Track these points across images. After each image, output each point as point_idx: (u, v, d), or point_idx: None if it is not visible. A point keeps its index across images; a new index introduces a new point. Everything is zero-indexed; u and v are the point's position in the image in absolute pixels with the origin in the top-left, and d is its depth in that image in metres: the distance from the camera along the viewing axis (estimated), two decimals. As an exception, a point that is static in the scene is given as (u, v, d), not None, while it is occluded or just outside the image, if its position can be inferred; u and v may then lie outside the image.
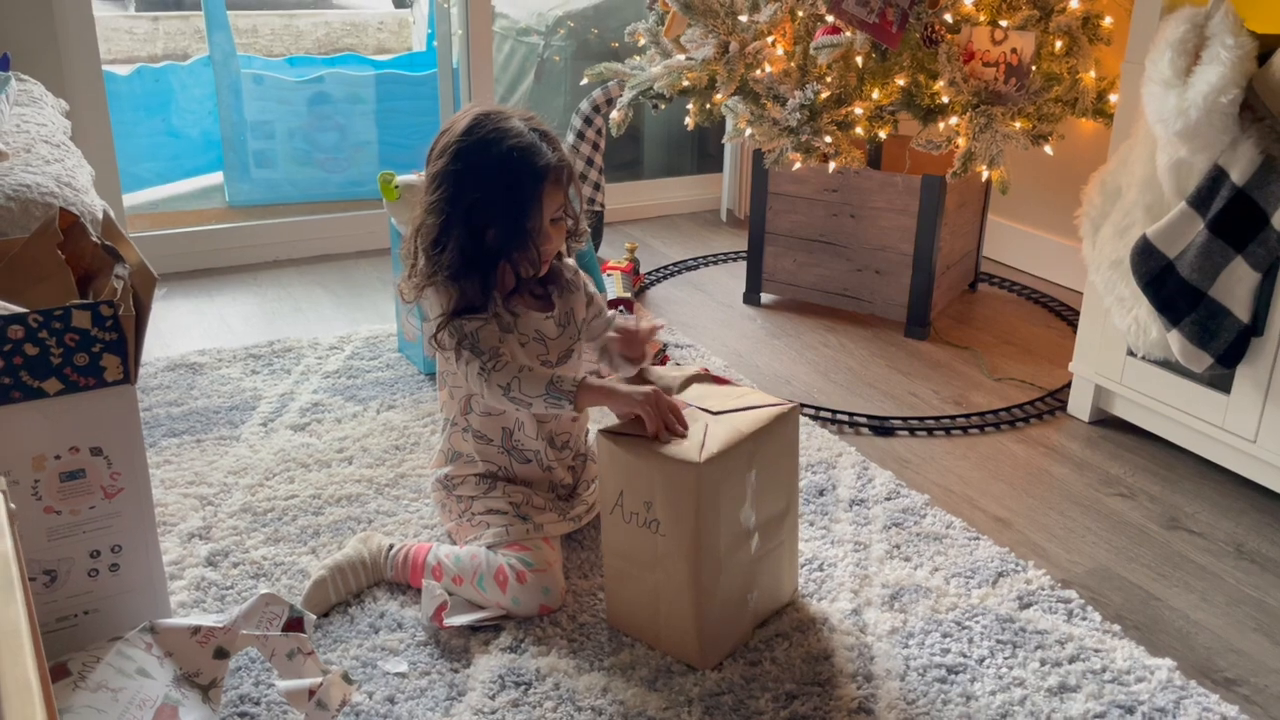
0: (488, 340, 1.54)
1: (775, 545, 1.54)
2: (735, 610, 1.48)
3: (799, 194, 2.67)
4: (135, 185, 3.48)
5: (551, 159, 1.52)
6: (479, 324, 1.55)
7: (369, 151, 3.63)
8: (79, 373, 1.30)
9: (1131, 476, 2.03)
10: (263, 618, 1.36)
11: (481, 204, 1.51)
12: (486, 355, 1.52)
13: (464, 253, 1.53)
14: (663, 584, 1.44)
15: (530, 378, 1.49)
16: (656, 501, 1.41)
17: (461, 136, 1.52)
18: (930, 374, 2.43)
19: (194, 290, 2.79)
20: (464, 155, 1.51)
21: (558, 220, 1.58)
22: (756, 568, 1.51)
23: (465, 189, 1.51)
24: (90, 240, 1.46)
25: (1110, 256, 1.99)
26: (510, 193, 1.51)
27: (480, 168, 1.51)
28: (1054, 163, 2.73)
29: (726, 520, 1.42)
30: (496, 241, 1.53)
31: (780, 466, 1.52)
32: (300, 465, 1.92)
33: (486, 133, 1.52)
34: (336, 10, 6.83)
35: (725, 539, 1.43)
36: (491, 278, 1.56)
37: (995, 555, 1.72)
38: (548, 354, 1.64)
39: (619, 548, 1.48)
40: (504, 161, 1.50)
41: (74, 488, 1.34)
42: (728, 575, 1.45)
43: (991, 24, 2.29)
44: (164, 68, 3.71)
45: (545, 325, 1.64)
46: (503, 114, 1.55)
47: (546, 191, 1.53)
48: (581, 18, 3.78)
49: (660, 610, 1.46)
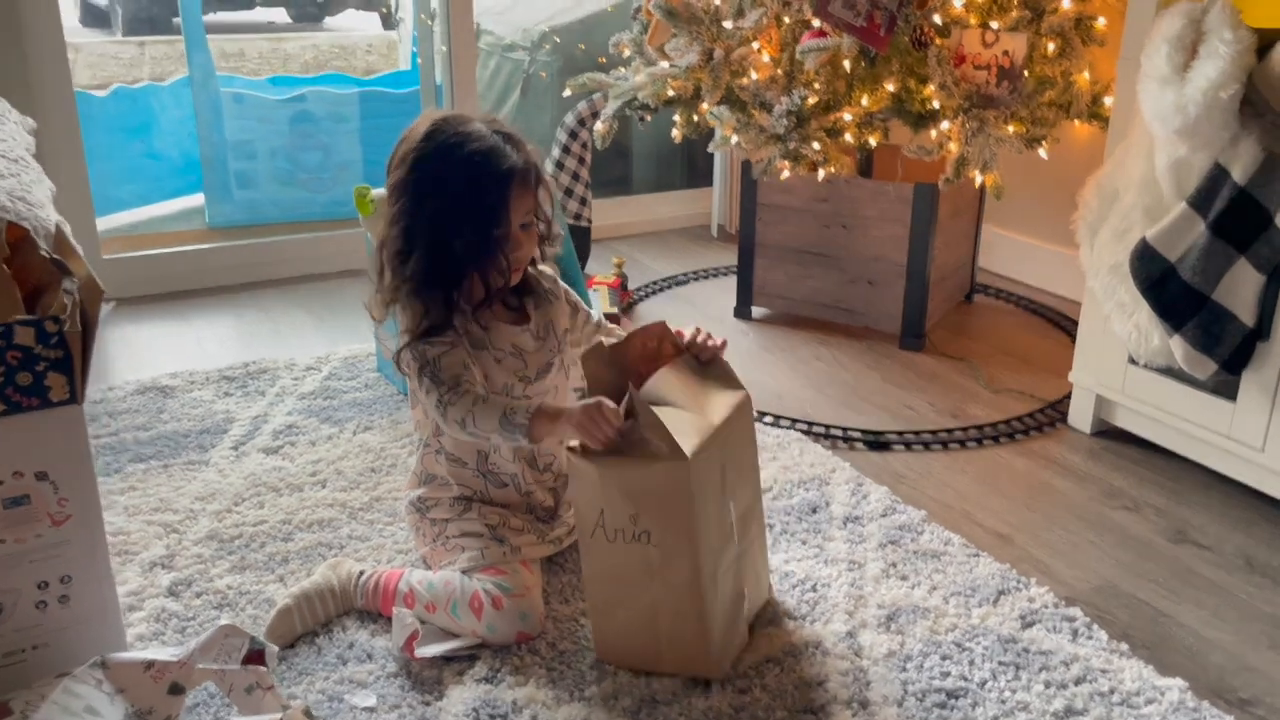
0: (450, 367, 1.46)
1: (749, 542, 1.48)
2: (733, 611, 1.43)
3: (789, 205, 2.61)
4: (114, 207, 3.42)
5: (516, 161, 1.45)
6: (443, 349, 1.46)
7: (353, 171, 3.57)
8: (22, 393, 1.23)
9: (1135, 489, 1.95)
10: (221, 650, 1.29)
11: (444, 212, 1.44)
12: (445, 386, 1.43)
13: (429, 264, 1.45)
14: (661, 598, 1.37)
15: (485, 410, 1.40)
16: (643, 511, 1.33)
17: (420, 143, 1.45)
18: (926, 386, 2.36)
19: (169, 312, 2.72)
20: (424, 163, 1.44)
21: (528, 225, 1.51)
22: (741, 565, 1.45)
23: (426, 197, 1.44)
24: (39, 254, 1.40)
25: (1109, 261, 1.93)
26: (474, 199, 1.43)
27: (441, 175, 1.43)
28: (1048, 171, 2.67)
29: (715, 516, 1.36)
30: (463, 251, 1.45)
31: (744, 457, 1.47)
32: (271, 490, 1.85)
33: (446, 138, 1.44)
34: (325, 33, 6.83)
35: (716, 536, 1.37)
36: (456, 291, 1.48)
37: (996, 573, 1.65)
38: (526, 369, 1.57)
39: (605, 572, 1.40)
40: (466, 167, 1.43)
41: (18, 515, 1.27)
42: (723, 574, 1.39)
43: (982, 26, 2.24)
44: (142, 88, 3.66)
45: (521, 339, 1.57)
46: (463, 118, 1.48)
47: (513, 195, 1.45)
48: (567, 33, 3.74)
49: (661, 627, 1.38)
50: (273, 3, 7.00)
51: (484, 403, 1.41)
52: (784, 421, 2.16)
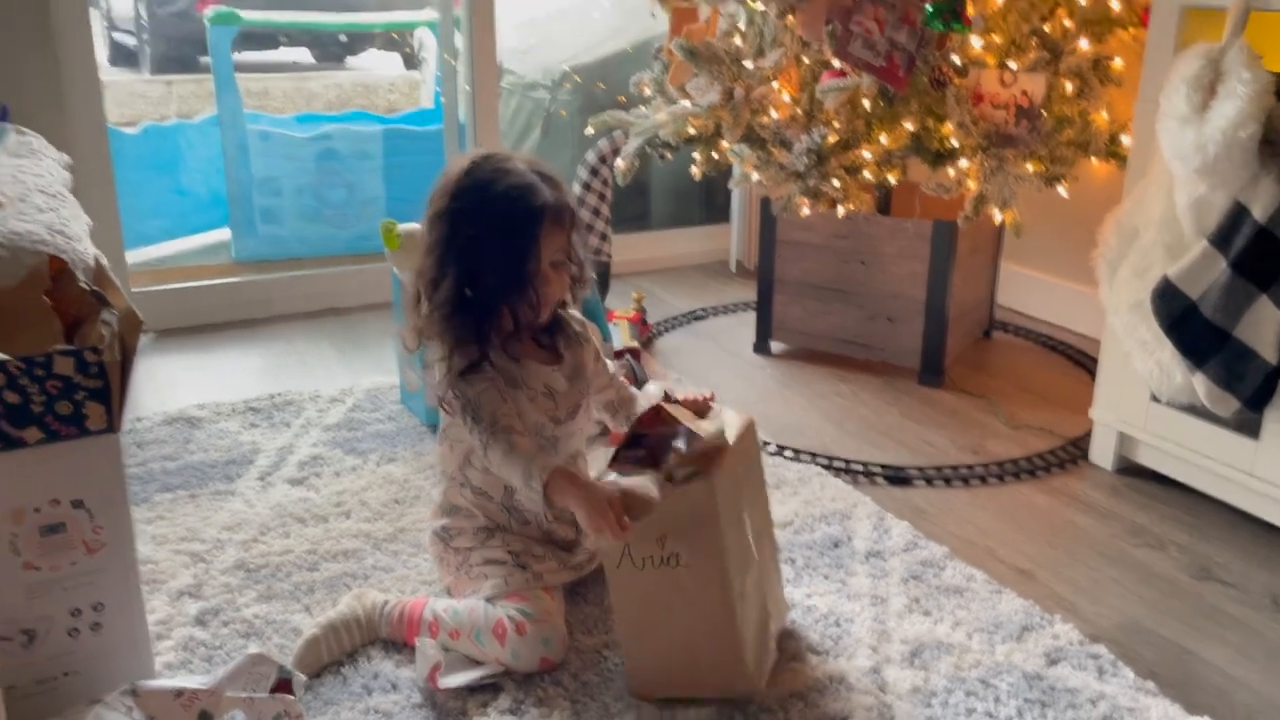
0: (488, 404, 1.48)
1: (765, 559, 1.50)
2: (761, 627, 1.44)
3: (808, 241, 2.63)
4: (142, 241, 3.47)
5: (550, 198, 1.48)
6: (482, 387, 1.49)
7: (376, 207, 3.62)
8: (61, 421, 1.26)
9: (1159, 526, 1.95)
10: (250, 678, 1.30)
11: (476, 245, 1.47)
12: (484, 425, 1.46)
13: (460, 295, 1.48)
14: (695, 620, 1.38)
15: (512, 462, 1.42)
16: (671, 534, 1.35)
17: (460, 177, 1.49)
18: (946, 422, 2.36)
19: (195, 345, 2.75)
20: (461, 195, 1.48)
21: (559, 264, 1.53)
22: (761, 581, 1.47)
23: (460, 229, 1.47)
24: (79, 286, 1.43)
25: (1129, 299, 1.94)
26: (506, 234, 1.46)
27: (476, 208, 1.47)
28: (1066, 208, 2.69)
29: (736, 534, 1.39)
30: (494, 283, 1.48)
31: (753, 477, 1.51)
32: (297, 520, 1.86)
33: (484, 174, 1.48)
34: (348, 72, 6.93)
35: (739, 554, 1.39)
36: (487, 323, 1.51)
37: (1020, 609, 1.65)
38: (556, 409, 1.58)
39: (635, 601, 1.41)
40: (499, 202, 1.46)
41: (54, 542, 1.28)
42: (750, 591, 1.41)
43: (1000, 66, 2.26)
44: (172, 126, 3.72)
45: (554, 379, 1.59)
46: (503, 156, 1.52)
47: (544, 232, 1.48)
48: (587, 72, 3.79)
49: (698, 648, 1.39)
50: (297, 43, 7.13)
51: (513, 453, 1.43)
52: (804, 456, 2.16)
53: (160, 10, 6.47)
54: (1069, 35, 2.30)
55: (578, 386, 1.61)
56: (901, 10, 2.19)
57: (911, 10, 2.19)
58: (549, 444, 1.58)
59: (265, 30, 6.02)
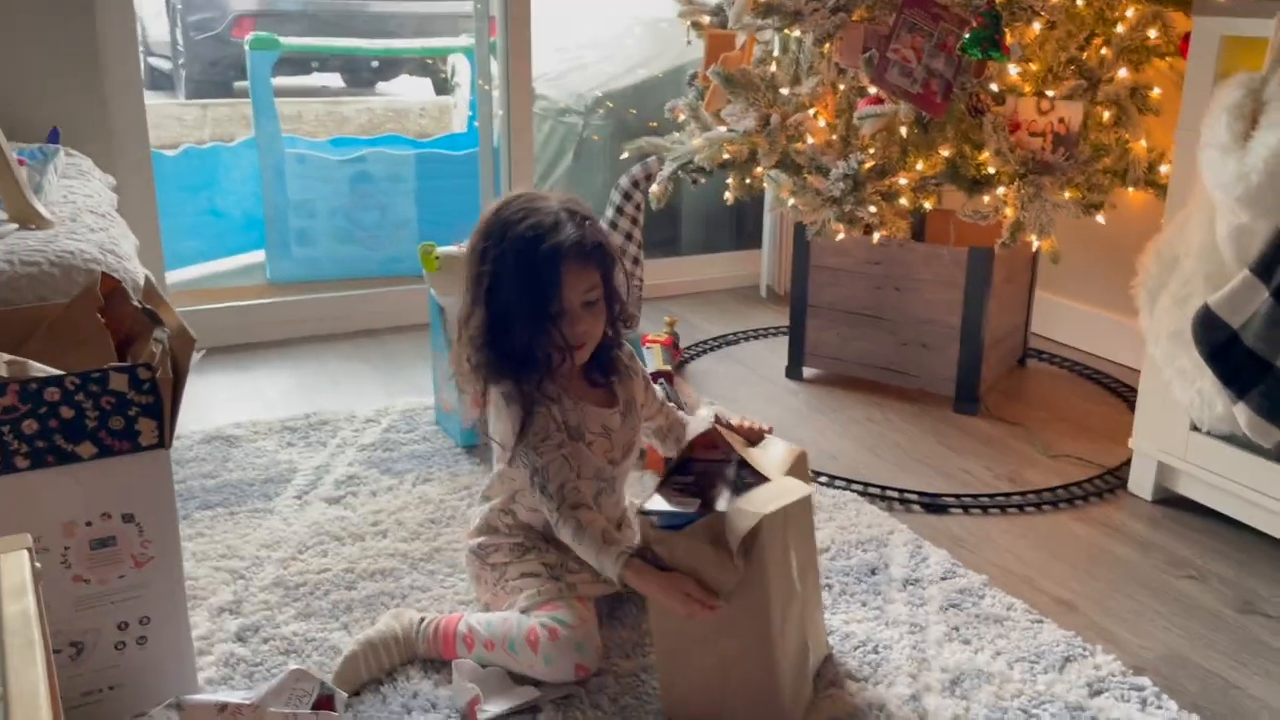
0: (557, 477, 1.48)
1: (809, 593, 1.49)
2: (800, 662, 1.43)
3: (842, 266, 2.63)
4: (179, 262, 3.52)
5: (571, 237, 1.45)
6: (551, 457, 1.48)
7: (409, 229, 3.65)
8: (114, 436, 1.27)
9: (1200, 558, 1.93)
10: (292, 695, 1.31)
11: (501, 285, 1.47)
12: (554, 501, 1.47)
13: (487, 333, 1.49)
14: (732, 652, 1.37)
15: (584, 543, 1.44)
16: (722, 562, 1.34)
17: (490, 216, 1.51)
18: (982, 450, 2.35)
19: (232, 364, 2.78)
20: (488, 235, 1.49)
21: (591, 303, 1.51)
22: (804, 616, 1.46)
23: (486, 269, 1.48)
24: (131, 305, 1.45)
25: (1169, 327, 1.92)
26: (526, 274, 1.46)
27: (499, 247, 1.47)
28: (1102, 237, 2.68)
29: (781, 569, 1.38)
30: (519, 325, 1.48)
31: (801, 514, 1.49)
32: (334, 538, 1.87)
33: (512, 212, 1.48)
34: (380, 97, 7.01)
35: (783, 589, 1.38)
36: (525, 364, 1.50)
37: (1061, 639, 1.63)
38: (613, 449, 1.59)
39: (674, 627, 1.40)
40: (519, 241, 1.46)
41: (104, 556, 1.30)
42: (790, 626, 1.40)
43: (1037, 94, 2.27)
44: (210, 148, 3.78)
45: (611, 419, 1.59)
46: (536, 195, 1.51)
47: (568, 272, 1.46)
48: (620, 98, 3.82)
49: (732, 680, 1.39)
50: (329, 68, 7.22)
51: (583, 533, 1.44)
52: (839, 482, 2.16)
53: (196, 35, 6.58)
54: (1106, 64, 2.30)
55: (630, 423, 1.62)
56: (939, 38, 2.21)
57: (949, 38, 2.20)
58: (607, 485, 1.59)
59: (300, 55, 6.11)
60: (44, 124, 2.36)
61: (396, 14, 6.32)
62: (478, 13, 3.18)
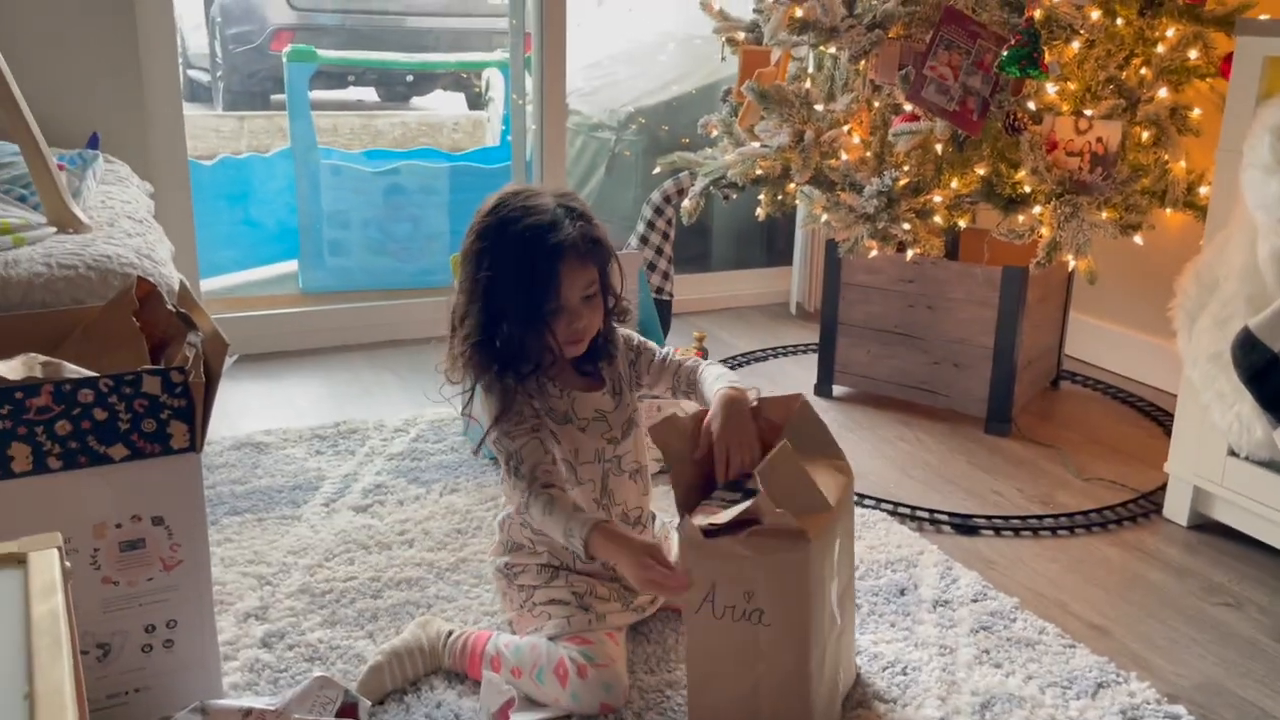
0: (530, 458, 1.48)
1: (844, 623, 1.47)
2: (832, 692, 1.41)
3: (873, 284, 2.61)
4: (214, 271, 3.55)
5: (569, 235, 1.44)
6: (523, 441, 1.49)
7: (440, 241, 3.67)
8: (146, 439, 1.28)
9: (1237, 585, 1.89)
10: (316, 701, 1.30)
11: (497, 283, 1.46)
12: (525, 482, 1.46)
13: (483, 331, 1.48)
14: (765, 678, 1.35)
15: (551, 523, 1.43)
16: (760, 589, 1.32)
17: (485, 215, 1.49)
18: (1014, 472, 2.32)
19: (263, 372, 2.80)
20: (485, 234, 1.48)
21: (590, 298, 1.50)
22: (838, 645, 1.44)
23: (483, 268, 1.47)
24: (165, 309, 1.46)
25: (1208, 349, 1.89)
26: (525, 271, 1.45)
27: (497, 246, 1.46)
28: (1139, 258, 2.65)
29: (825, 599, 1.35)
30: (516, 322, 1.47)
31: (847, 536, 1.47)
32: (361, 547, 1.87)
33: (508, 211, 1.47)
34: (414, 111, 7.08)
35: (825, 619, 1.36)
36: (515, 358, 1.50)
37: (1093, 665, 1.60)
38: (611, 430, 1.58)
39: (708, 649, 1.38)
40: (517, 241, 1.44)
41: (133, 558, 1.31)
42: (827, 657, 1.38)
43: (1076, 113, 2.25)
44: (246, 158, 3.82)
45: (602, 401, 1.58)
46: (531, 192, 1.50)
47: (566, 269, 1.45)
48: (653, 114, 3.83)
49: (762, 706, 1.37)
50: (364, 82, 7.29)
51: (553, 509, 1.43)
52: (869, 501, 2.14)
53: (235, 48, 6.67)
54: (1146, 84, 2.28)
55: (624, 400, 1.60)
56: (976, 56, 2.19)
57: (987, 56, 2.19)
58: (613, 465, 1.58)
59: (336, 69, 6.18)
60: (84, 131, 2.39)
61: (433, 29, 6.38)
62: (513, 28, 3.20)
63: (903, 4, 2.30)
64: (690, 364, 1.64)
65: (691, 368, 1.64)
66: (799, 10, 2.36)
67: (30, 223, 1.69)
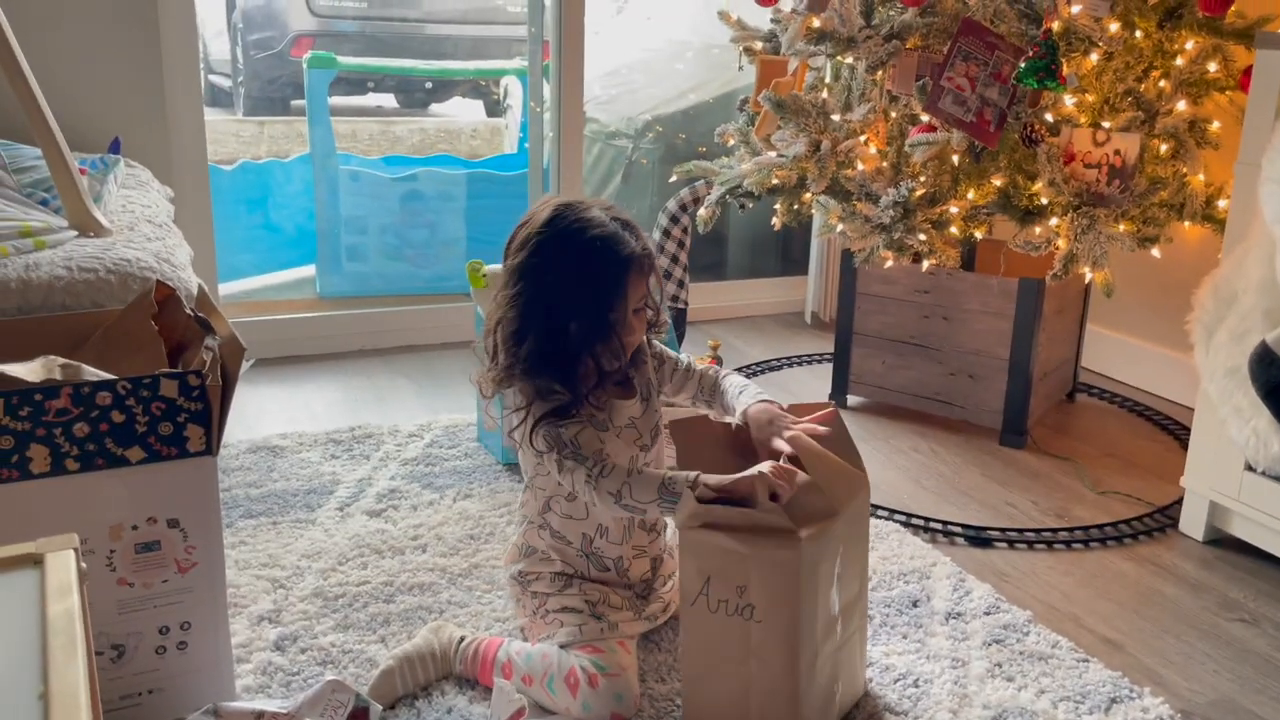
0: (589, 445, 1.48)
1: (852, 632, 1.46)
2: (826, 701, 1.41)
3: (889, 295, 2.61)
4: (232, 275, 3.57)
5: (635, 248, 1.47)
6: (577, 429, 1.49)
7: (457, 248, 3.69)
8: (162, 442, 1.29)
9: (1253, 601, 1.87)
10: (328, 705, 1.31)
11: (563, 297, 1.46)
12: (591, 461, 1.45)
13: (544, 347, 1.47)
14: (756, 676, 1.36)
15: (641, 482, 1.41)
16: (752, 585, 1.33)
17: (542, 228, 1.48)
18: (1028, 484, 2.31)
19: (280, 376, 2.82)
20: (545, 248, 1.47)
21: (639, 310, 1.53)
22: (839, 656, 1.43)
23: (547, 282, 1.46)
24: (184, 313, 1.47)
25: (1226, 364, 1.88)
26: (593, 284, 1.46)
27: (562, 260, 1.46)
28: (1156, 271, 2.64)
29: (822, 603, 1.35)
30: (579, 335, 1.47)
31: (857, 548, 1.46)
32: (374, 551, 1.88)
33: (568, 224, 1.47)
34: (432, 118, 7.11)
35: (821, 624, 1.36)
36: (573, 373, 1.49)
37: (1107, 679, 1.59)
38: (641, 436, 1.59)
39: (703, 642, 1.39)
40: (587, 252, 1.45)
41: (148, 560, 1.32)
42: (822, 663, 1.37)
43: (1093, 125, 2.24)
44: (266, 163, 3.85)
45: (634, 409, 1.59)
46: (582, 204, 1.51)
47: (630, 281, 1.48)
48: (669, 122, 3.84)
49: (752, 705, 1.37)
50: (383, 89, 7.34)
51: (638, 474, 1.43)
52: (882, 511, 2.13)
53: (256, 54, 6.72)
54: (1164, 96, 2.27)
55: (652, 405, 1.62)
56: (994, 67, 2.19)
57: (1004, 67, 2.18)
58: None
59: (356, 76, 6.22)
60: (106, 135, 2.41)
61: (452, 36, 6.42)
62: (532, 36, 3.21)
63: (920, 15, 2.30)
64: (711, 373, 1.68)
65: (713, 377, 1.68)
66: (816, 20, 2.37)
67: (52, 226, 1.71)
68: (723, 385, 1.66)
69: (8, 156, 1.90)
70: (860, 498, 1.46)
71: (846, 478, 1.46)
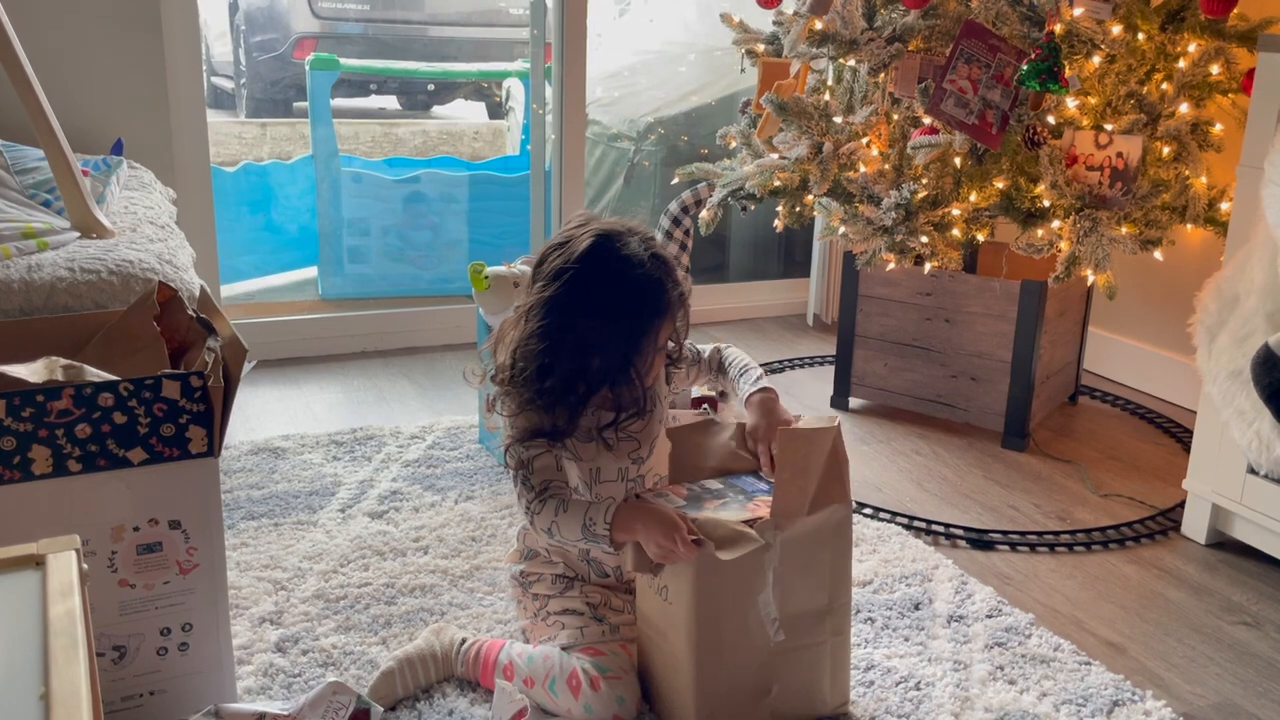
0: (541, 471, 1.46)
1: (810, 643, 1.46)
2: (744, 699, 1.43)
3: (891, 297, 2.61)
4: (235, 276, 3.58)
5: (674, 294, 1.46)
6: (537, 452, 1.47)
7: (459, 250, 3.69)
8: (164, 443, 1.29)
9: (1256, 604, 1.87)
10: (329, 707, 1.31)
11: (593, 335, 1.43)
12: (534, 492, 1.45)
13: (568, 382, 1.45)
14: (668, 654, 1.44)
15: (567, 519, 1.41)
16: (666, 569, 1.40)
17: (579, 262, 1.43)
18: (1031, 487, 2.31)
19: (282, 377, 2.82)
20: (581, 285, 1.43)
21: (662, 348, 1.52)
22: (779, 661, 1.44)
23: (581, 319, 1.43)
24: (186, 314, 1.47)
25: (1228, 367, 1.88)
26: (626, 330, 1.44)
27: (599, 301, 1.43)
28: (1158, 274, 2.63)
29: (734, 602, 1.39)
30: (600, 371, 1.45)
31: (818, 561, 1.45)
32: (376, 553, 1.88)
33: (608, 262, 1.43)
34: (435, 120, 7.12)
35: (732, 621, 1.40)
36: (583, 408, 1.48)
37: (1109, 682, 1.59)
38: (639, 449, 1.58)
39: (644, 611, 1.49)
40: (624, 299, 1.43)
41: (150, 561, 1.32)
42: (735, 659, 1.41)
43: (1096, 128, 2.24)
44: (268, 165, 3.85)
45: (633, 425, 1.58)
46: (622, 236, 1.46)
47: (663, 326, 1.47)
48: (672, 124, 3.84)
49: (668, 680, 1.45)
50: (386, 91, 7.35)
51: (565, 510, 1.42)
52: (884, 514, 2.13)
53: (259, 56, 6.73)
54: (1167, 99, 2.27)
55: (655, 414, 1.60)
56: (996, 69, 2.19)
57: (1006, 70, 2.18)
58: (636, 485, 1.58)
59: (358, 78, 6.22)
60: (109, 137, 2.42)
61: (454, 38, 6.42)
62: (534, 38, 3.22)
63: (923, 17, 2.30)
64: (711, 350, 1.70)
65: (718, 358, 1.70)
66: (819, 23, 2.37)
67: (54, 227, 1.72)
68: (726, 365, 1.69)
69: (10, 157, 1.91)
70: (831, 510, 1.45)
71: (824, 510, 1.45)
